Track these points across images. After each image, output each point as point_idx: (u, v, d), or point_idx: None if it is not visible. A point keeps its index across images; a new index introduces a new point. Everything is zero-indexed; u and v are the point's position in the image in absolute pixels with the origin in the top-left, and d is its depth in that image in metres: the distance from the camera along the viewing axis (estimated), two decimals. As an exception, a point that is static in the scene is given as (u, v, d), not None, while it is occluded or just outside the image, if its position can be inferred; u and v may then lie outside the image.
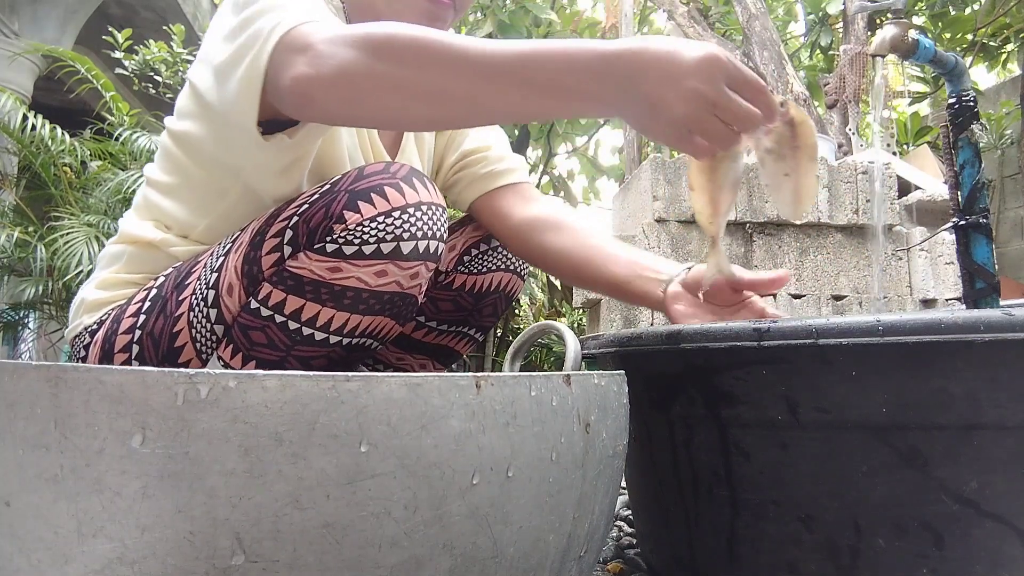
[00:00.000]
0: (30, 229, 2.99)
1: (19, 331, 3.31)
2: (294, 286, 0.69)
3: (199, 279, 0.76)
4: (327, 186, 0.71)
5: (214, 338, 0.75)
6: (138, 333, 0.77)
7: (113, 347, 0.78)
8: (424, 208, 0.70)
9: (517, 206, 0.95)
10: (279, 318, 0.71)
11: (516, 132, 5.06)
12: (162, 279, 0.80)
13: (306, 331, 0.71)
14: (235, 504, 0.34)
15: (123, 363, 0.78)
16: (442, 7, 0.81)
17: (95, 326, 0.81)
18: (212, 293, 0.74)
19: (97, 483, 0.34)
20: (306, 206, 0.70)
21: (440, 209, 0.73)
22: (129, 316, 0.79)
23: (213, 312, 0.74)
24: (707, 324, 0.62)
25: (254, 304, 0.72)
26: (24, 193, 3.29)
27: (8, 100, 3.05)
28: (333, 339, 0.72)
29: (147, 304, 0.78)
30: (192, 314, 0.75)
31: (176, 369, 0.34)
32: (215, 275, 0.74)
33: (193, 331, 0.75)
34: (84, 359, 0.82)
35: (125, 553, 0.34)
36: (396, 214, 0.68)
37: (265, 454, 0.34)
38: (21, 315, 3.22)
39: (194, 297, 0.75)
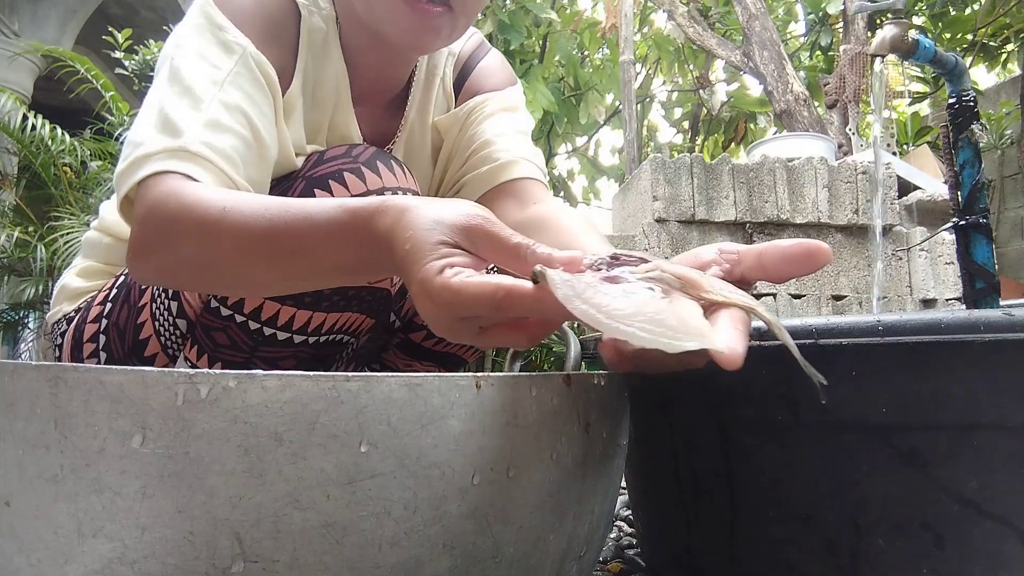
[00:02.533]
0: (30, 229, 2.99)
1: (19, 331, 3.31)
2: None
3: None
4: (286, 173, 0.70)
5: (177, 332, 0.74)
6: (104, 323, 0.76)
7: (83, 336, 0.78)
8: (388, 194, 0.64)
9: (512, 210, 0.82)
10: (239, 318, 0.69)
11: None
12: None
13: (268, 331, 0.69)
14: (235, 504, 0.34)
15: (91, 354, 0.78)
16: (429, 15, 0.69)
17: (73, 313, 0.81)
18: None
19: (97, 483, 0.34)
20: None
21: (409, 194, 0.68)
22: (97, 304, 0.78)
23: (174, 305, 0.72)
24: (707, 324, 0.62)
25: (214, 303, 0.70)
26: (24, 193, 3.29)
27: (8, 100, 3.05)
28: (298, 338, 0.70)
29: (113, 291, 0.77)
30: (155, 305, 0.74)
31: (176, 369, 0.34)
32: None
33: (156, 324, 0.74)
34: (60, 346, 0.81)
35: (125, 553, 0.34)
36: None
37: (265, 454, 0.34)
38: (21, 315, 3.22)
39: (156, 288, 0.74)
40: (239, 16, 0.68)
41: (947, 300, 2.41)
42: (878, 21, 4.64)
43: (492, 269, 0.43)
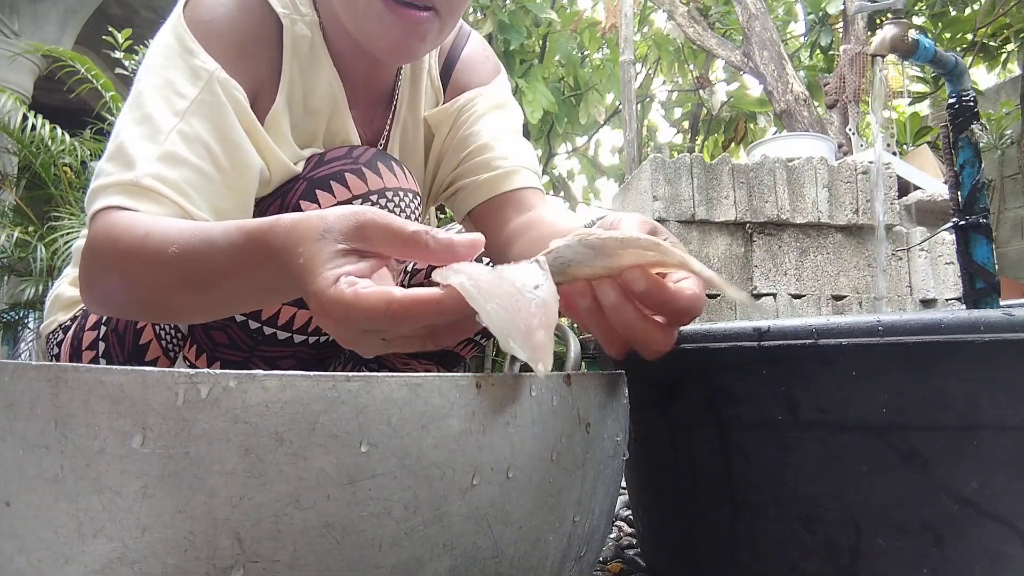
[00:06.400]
0: (30, 229, 3.00)
1: (19, 331, 3.31)
2: None
3: None
4: None
5: (179, 335, 0.73)
6: (103, 329, 0.76)
7: (81, 344, 0.77)
8: (390, 195, 0.66)
9: (510, 216, 0.81)
10: (239, 317, 0.69)
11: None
12: None
13: (267, 330, 0.69)
14: (235, 504, 0.34)
15: (91, 361, 0.77)
16: (417, 21, 0.68)
17: (69, 322, 0.81)
18: None
19: (97, 483, 0.34)
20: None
21: (410, 195, 0.69)
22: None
23: None
24: (707, 324, 0.62)
25: None
26: (24, 193, 3.30)
27: (8, 100, 3.06)
28: (298, 338, 0.70)
29: None
30: None
31: (176, 369, 0.34)
32: None
33: (157, 328, 0.74)
34: (57, 356, 0.81)
35: (125, 553, 0.34)
36: (358, 203, 0.64)
37: (265, 454, 0.34)
38: (21, 315, 3.23)
39: None
40: (210, 37, 0.67)
41: (947, 300, 2.41)
42: (878, 21, 4.64)
43: (408, 274, 0.42)
